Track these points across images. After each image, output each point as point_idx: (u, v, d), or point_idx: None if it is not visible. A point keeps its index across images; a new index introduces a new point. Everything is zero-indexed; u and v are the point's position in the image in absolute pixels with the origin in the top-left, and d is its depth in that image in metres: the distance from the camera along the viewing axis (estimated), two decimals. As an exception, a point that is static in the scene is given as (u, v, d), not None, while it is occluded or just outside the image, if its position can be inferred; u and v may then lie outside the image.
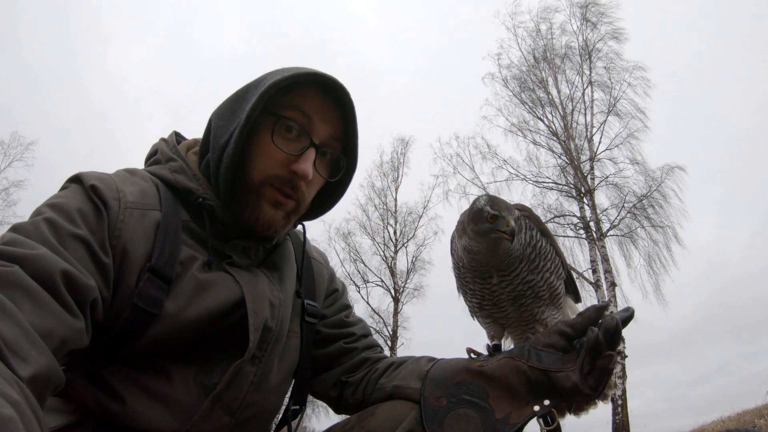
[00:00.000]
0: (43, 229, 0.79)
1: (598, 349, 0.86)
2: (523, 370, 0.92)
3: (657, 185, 11.78)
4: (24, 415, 0.52)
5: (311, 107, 1.00)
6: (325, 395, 1.23)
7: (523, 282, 1.04)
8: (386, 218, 17.71)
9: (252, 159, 0.99)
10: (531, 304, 1.06)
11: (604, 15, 12.87)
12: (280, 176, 0.99)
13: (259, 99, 0.94)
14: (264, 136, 0.99)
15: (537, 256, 1.05)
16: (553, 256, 1.08)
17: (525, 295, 1.05)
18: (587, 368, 0.87)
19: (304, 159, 0.98)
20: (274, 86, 0.95)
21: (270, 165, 0.99)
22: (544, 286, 1.05)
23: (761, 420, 5.82)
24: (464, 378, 0.97)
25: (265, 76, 1.01)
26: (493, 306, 1.08)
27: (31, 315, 0.67)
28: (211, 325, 0.94)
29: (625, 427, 9.81)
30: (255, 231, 1.02)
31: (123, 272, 0.87)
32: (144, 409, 0.88)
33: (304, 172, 0.98)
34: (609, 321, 0.87)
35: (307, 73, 0.97)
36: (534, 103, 13.25)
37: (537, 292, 1.05)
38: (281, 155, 0.98)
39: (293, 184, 1.00)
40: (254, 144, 0.99)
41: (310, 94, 1.00)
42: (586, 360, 0.88)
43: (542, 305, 1.07)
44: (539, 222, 1.11)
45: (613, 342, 0.86)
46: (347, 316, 1.29)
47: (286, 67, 1.02)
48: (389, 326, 16.26)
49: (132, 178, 0.98)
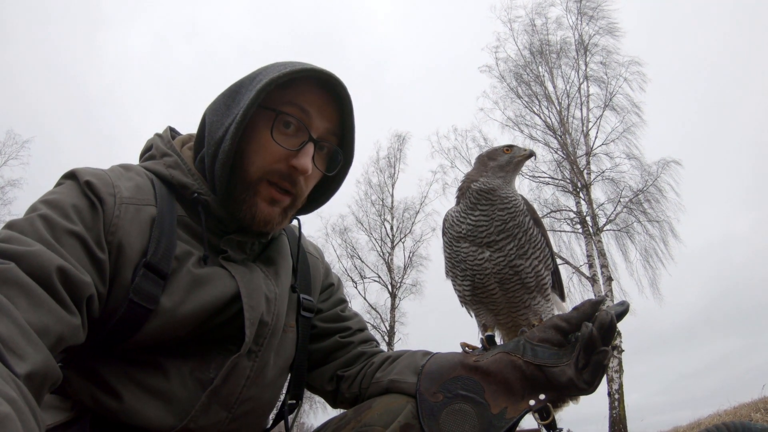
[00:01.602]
0: (38, 225, 0.78)
1: (593, 345, 0.87)
2: (518, 365, 0.93)
3: (653, 180, 11.82)
4: (21, 412, 0.51)
5: (308, 102, 1.00)
6: (321, 389, 1.24)
7: (510, 265, 1.05)
8: (383, 214, 17.71)
9: (249, 155, 0.99)
10: (519, 291, 1.07)
11: (599, 9, 12.87)
12: (279, 171, 0.99)
13: (256, 95, 0.94)
14: (261, 132, 0.99)
15: (527, 242, 1.06)
16: (543, 246, 1.09)
17: (512, 280, 1.06)
18: (582, 363, 0.88)
19: (303, 154, 0.99)
20: (272, 83, 0.94)
21: (268, 160, 0.99)
22: (532, 273, 1.06)
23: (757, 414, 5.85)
24: (460, 373, 0.98)
25: (261, 72, 1.01)
26: (483, 290, 1.08)
27: (27, 312, 0.66)
28: (207, 320, 0.94)
29: (621, 421, 9.86)
30: (252, 227, 1.02)
31: (119, 268, 0.87)
32: (141, 405, 0.88)
33: (303, 167, 0.98)
34: (604, 316, 0.88)
35: (304, 69, 0.97)
36: (530, 97, 13.25)
37: (524, 279, 1.06)
38: (280, 150, 0.98)
39: (292, 179, 1.00)
40: (251, 139, 0.99)
41: (307, 89, 1.00)
42: (581, 355, 0.88)
43: (533, 296, 1.08)
44: (533, 212, 1.13)
45: (608, 337, 0.87)
46: (343, 311, 1.30)
47: (282, 62, 1.02)
48: (386, 322, 16.29)
49: (127, 173, 0.98)
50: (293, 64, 1.00)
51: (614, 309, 0.92)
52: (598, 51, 12.81)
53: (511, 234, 1.06)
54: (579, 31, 13.02)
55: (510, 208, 1.08)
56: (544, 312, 1.09)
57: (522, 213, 1.08)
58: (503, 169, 1.14)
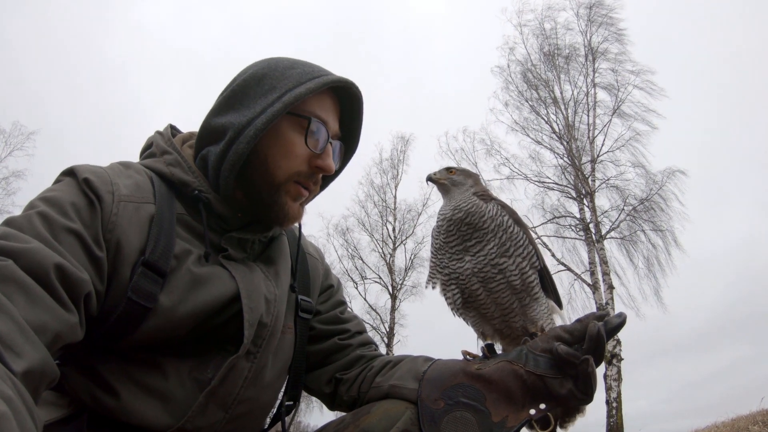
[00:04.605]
0: (36, 222, 0.78)
1: (572, 360, 0.88)
2: (520, 374, 0.93)
3: (658, 188, 11.77)
4: (17, 411, 0.51)
5: (326, 107, 1.05)
6: (319, 392, 1.24)
7: (491, 263, 1.06)
8: (385, 215, 17.73)
9: (274, 157, 1.01)
10: (504, 291, 1.07)
11: (609, 16, 12.83)
12: (305, 172, 1.03)
13: (285, 105, 0.96)
14: (286, 136, 1.01)
15: (508, 240, 1.08)
16: (526, 244, 1.10)
17: (495, 279, 1.06)
18: (573, 373, 0.89)
19: (326, 155, 1.04)
20: (308, 92, 0.97)
21: (295, 162, 1.02)
22: (516, 271, 1.07)
23: (755, 426, 5.82)
24: (461, 380, 0.98)
25: (274, 75, 1.01)
26: (470, 295, 1.09)
27: (25, 309, 0.66)
28: (206, 320, 0.94)
29: (618, 430, 9.83)
30: (282, 225, 1.07)
31: (117, 266, 0.87)
32: (138, 404, 0.88)
33: (329, 168, 1.04)
34: (592, 328, 0.89)
35: (333, 80, 1.01)
36: (537, 102, 13.22)
37: (508, 278, 1.06)
38: (307, 153, 1.02)
39: (315, 178, 1.06)
40: (273, 143, 1.00)
41: (324, 93, 1.05)
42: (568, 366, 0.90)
43: (520, 297, 1.09)
44: (513, 212, 1.15)
45: (595, 348, 0.89)
46: (342, 313, 1.30)
47: (298, 65, 1.04)
48: (386, 323, 16.29)
49: (126, 171, 0.98)
50: (315, 71, 1.03)
51: (611, 321, 0.92)
52: (608, 58, 12.78)
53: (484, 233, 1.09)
54: (588, 36, 12.99)
55: (463, 212, 1.13)
56: (540, 318, 1.09)
57: (495, 213, 1.11)
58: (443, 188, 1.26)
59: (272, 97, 0.98)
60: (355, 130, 1.15)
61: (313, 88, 0.98)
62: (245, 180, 1.02)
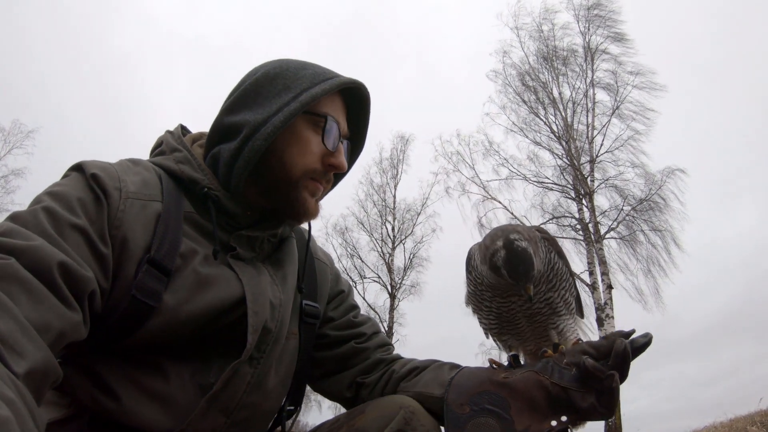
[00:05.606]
0: (41, 218, 0.78)
1: (597, 374, 0.89)
2: (545, 385, 0.94)
3: (657, 188, 11.79)
4: (19, 414, 0.51)
5: (336, 107, 1.08)
6: (339, 396, 1.24)
7: (541, 300, 1.07)
8: (384, 215, 17.76)
9: (290, 155, 1.03)
10: (546, 320, 1.09)
11: (607, 18, 12.84)
12: (319, 170, 1.06)
13: (300, 106, 0.98)
14: (302, 134, 1.03)
15: (554, 276, 1.08)
16: (567, 276, 1.11)
17: (542, 312, 1.08)
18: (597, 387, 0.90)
19: (339, 153, 1.07)
20: (324, 93, 1.01)
21: (311, 160, 1.04)
22: (561, 302, 1.09)
23: (753, 427, 5.85)
24: (488, 388, 0.99)
25: (288, 74, 1.03)
26: (509, 323, 1.10)
27: (28, 308, 0.65)
28: (210, 322, 0.93)
29: (617, 430, 9.86)
30: (301, 221, 1.11)
31: (122, 263, 0.86)
32: (139, 407, 0.87)
33: (342, 165, 1.07)
34: (618, 344, 0.90)
35: (346, 82, 1.05)
36: (536, 103, 13.23)
37: (555, 309, 1.08)
38: (322, 151, 1.05)
39: (327, 176, 1.09)
40: (289, 141, 1.02)
41: (335, 94, 1.08)
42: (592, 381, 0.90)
43: (557, 319, 1.10)
44: (555, 243, 1.14)
45: (622, 365, 0.89)
46: (355, 317, 1.30)
47: (309, 67, 1.07)
48: (385, 322, 16.32)
49: (134, 168, 0.97)
50: (326, 72, 1.06)
51: (637, 340, 0.93)
52: (607, 58, 12.80)
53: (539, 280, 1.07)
54: (587, 38, 13.01)
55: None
56: (567, 330, 1.11)
57: (545, 256, 1.07)
58: (500, 286, 1.06)
59: (287, 96, 1.00)
60: (361, 131, 1.18)
61: (328, 89, 1.01)
62: (259, 177, 1.02)
